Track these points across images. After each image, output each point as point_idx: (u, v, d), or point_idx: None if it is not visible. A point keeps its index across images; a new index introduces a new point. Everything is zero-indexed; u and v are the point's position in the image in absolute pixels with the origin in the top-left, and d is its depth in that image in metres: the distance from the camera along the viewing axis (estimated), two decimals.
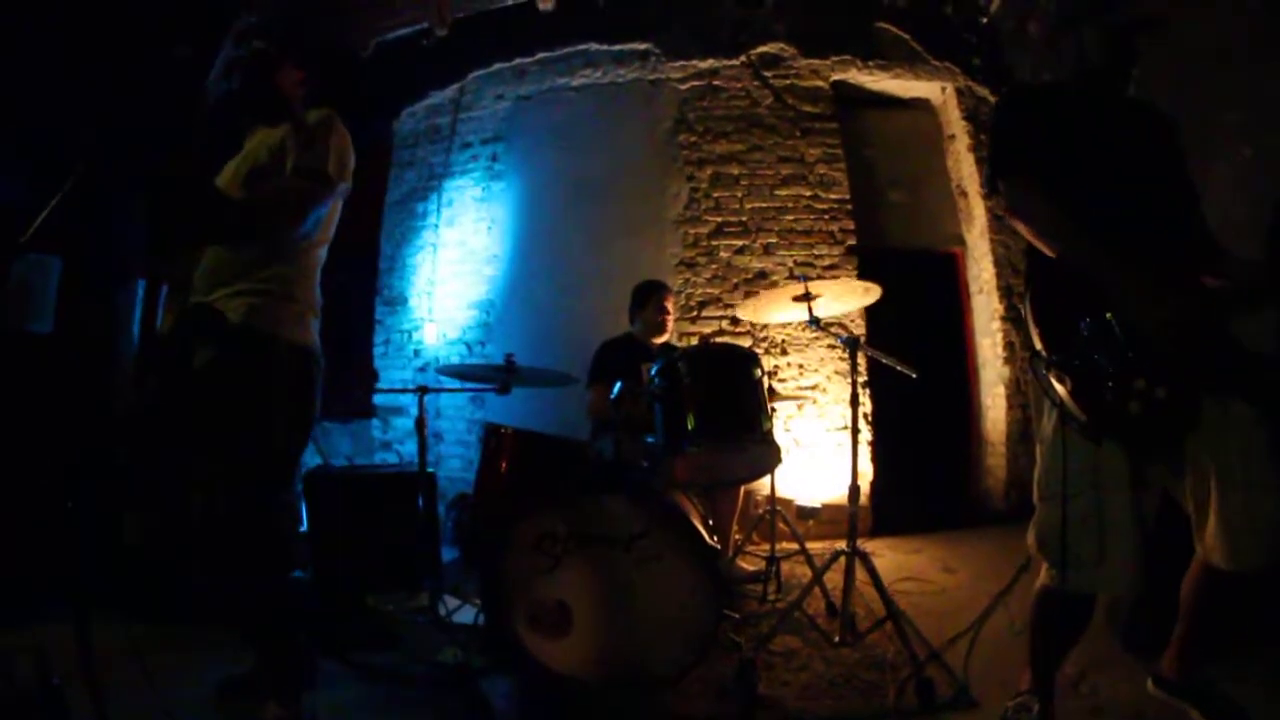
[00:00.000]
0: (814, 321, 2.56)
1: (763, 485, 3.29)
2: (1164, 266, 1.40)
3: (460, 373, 2.75)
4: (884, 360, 2.45)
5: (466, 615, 2.53)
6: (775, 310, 2.75)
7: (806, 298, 2.55)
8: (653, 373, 2.46)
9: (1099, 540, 1.43)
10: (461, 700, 2.01)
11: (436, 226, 4.82)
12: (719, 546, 2.44)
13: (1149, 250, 1.42)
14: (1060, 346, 1.40)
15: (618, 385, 2.38)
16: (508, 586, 1.98)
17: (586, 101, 4.65)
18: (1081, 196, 1.47)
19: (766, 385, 2.56)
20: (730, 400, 2.33)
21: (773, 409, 2.65)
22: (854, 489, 2.32)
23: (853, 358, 2.42)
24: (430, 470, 2.92)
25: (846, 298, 2.74)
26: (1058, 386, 1.39)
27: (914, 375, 2.39)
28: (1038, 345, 1.46)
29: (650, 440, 2.43)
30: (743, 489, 3.03)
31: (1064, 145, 1.51)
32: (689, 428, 2.25)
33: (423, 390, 2.63)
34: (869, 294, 2.68)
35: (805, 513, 3.90)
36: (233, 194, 1.79)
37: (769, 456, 2.52)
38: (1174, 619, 1.61)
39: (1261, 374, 1.43)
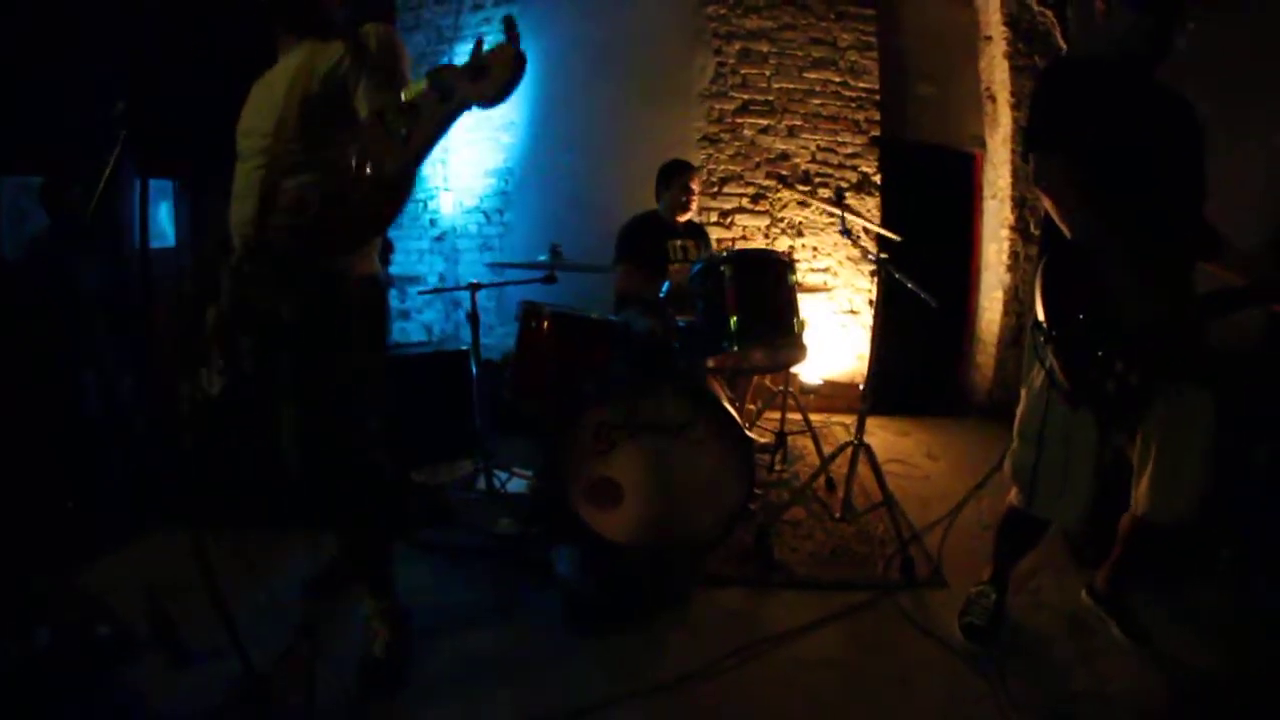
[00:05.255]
0: (845, 232, 2.71)
1: None
2: (1164, 264, 1.57)
3: (508, 264, 2.85)
4: (909, 286, 2.61)
5: (515, 487, 2.80)
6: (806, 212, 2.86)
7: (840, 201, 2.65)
8: (694, 271, 2.60)
9: (1062, 481, 1.72)
10: (520, 567, 2.29)
11: None
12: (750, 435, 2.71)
13: (1156, 239, 1.58)
14: (1061, 323, 1.60)
15: (665, 285, 2.52)
16: (569, 467, 2.28)
17: None
18: (1103, 176, 1.59)
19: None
20: (770, 304, 2.50)
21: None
22: (867, 389, 2.57)
23: (880, 282, 2.57)
24: (465, 348, 3.04)
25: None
26: (1051, 357, 1.61)
27: (934, 304, 2.57)
28: (1040, 316, 1.64)
29: (681, 324, 2.58)
30: None
31: (1096, 125, 1.61)
32: (731, 329, 2.43)
33: (475, 286, 2.77)
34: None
35: (806, 388, 4.19)
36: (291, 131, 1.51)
37: (796, 353, 2.71)
38: (1114, 543, 1.95)
39: (1215, 367, 1.69)
